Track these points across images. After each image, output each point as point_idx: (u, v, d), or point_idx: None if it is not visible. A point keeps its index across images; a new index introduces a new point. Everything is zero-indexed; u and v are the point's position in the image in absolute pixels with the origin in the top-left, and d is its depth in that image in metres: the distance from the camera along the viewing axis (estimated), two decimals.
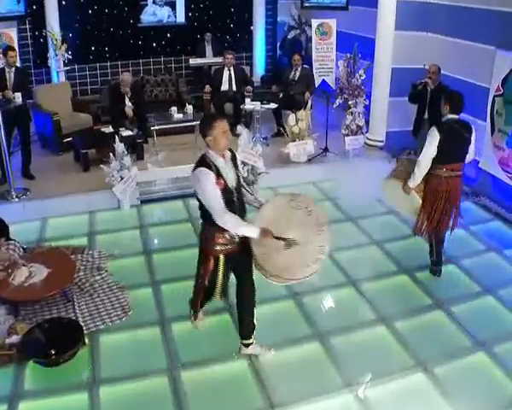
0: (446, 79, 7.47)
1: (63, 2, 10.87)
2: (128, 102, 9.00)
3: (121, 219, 7.28)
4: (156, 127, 8.73)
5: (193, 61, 11.82)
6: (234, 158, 4.29)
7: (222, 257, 4.36)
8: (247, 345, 4.69)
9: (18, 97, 7.33)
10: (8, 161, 7.35)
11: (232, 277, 4.59)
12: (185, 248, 6.33)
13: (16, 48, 8.50)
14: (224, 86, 9.96)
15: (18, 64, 7.85)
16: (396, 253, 6.37)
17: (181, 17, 12.33)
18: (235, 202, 4.21)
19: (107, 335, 5.01)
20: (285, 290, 5.55)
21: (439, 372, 4.56)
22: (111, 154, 7.20)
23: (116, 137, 7.31)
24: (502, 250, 6.43)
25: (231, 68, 9.93)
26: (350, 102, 8.99)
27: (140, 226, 7.04)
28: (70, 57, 10.56)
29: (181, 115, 9.09)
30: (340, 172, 8.12)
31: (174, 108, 9.12)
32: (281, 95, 9.82)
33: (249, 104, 9.32)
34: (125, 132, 8.37)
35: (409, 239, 6.54)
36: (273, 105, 9.37)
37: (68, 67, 10.86)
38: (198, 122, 8.68)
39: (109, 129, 8.54)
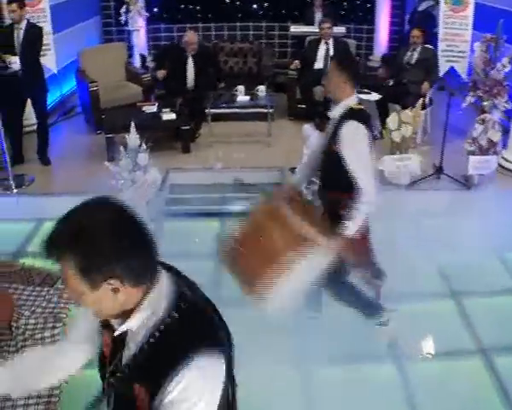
0: None
1: None
2: (191, 69, 7.11)
3: None
4: (211, 110, 6.61)
5: (294, 29, 9.48)
6: None
7: None
8: None
9: (14, 62, 5.64)
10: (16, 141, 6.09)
11: None
12: None
13: None
14: (318, 64, 7.55)
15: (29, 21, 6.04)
16: None
17: None
18: None
19: None
20: None
21: None
22: (121, 147, 5.21)
23: (132, 123, 5.25)
24: None
25: (329, 41, 7.48)
26: (485, 103, 6.18)
27: None
28: (147, 15, 8.90)
29: (247, 98, 6.86)
30: (455, 207, 5.43)
31: (241, 88, 6.94)
32: (391, 82, 7.18)
33: None
34: (167, 115, 6.36)
35: None
36: (375, 96, 6.73)
37: (145, 27, 9.21)
38: (270, 110, 6.86)
39: (152, 108, 6.58)
